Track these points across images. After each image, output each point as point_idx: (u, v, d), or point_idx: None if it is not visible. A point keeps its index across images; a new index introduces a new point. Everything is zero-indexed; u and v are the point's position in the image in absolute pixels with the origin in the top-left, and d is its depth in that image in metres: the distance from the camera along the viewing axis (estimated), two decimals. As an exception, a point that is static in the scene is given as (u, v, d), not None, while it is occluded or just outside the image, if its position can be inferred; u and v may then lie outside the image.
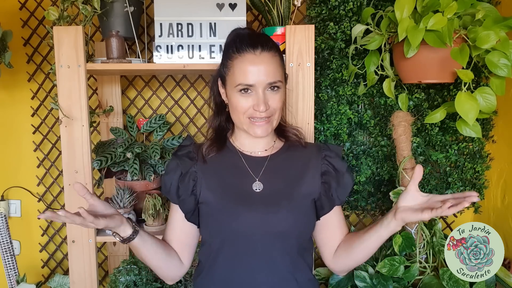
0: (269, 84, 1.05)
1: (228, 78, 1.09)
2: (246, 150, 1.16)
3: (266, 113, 1.06)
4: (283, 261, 1.09)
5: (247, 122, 1.08)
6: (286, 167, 1.14)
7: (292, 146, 1.18)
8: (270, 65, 1.05)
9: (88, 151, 1.47)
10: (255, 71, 1.04)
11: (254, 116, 1.06)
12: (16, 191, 1.90)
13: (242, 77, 1.05)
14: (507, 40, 1.28)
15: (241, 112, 1.07)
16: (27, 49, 1.85)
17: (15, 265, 1.76)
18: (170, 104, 1.88)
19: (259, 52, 1.05)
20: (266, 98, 1.05)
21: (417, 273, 1.53)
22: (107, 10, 1.56)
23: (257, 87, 1.04)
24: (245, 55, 1.05)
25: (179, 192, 1.13)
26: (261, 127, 1.07)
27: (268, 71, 1.05)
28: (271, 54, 1.06)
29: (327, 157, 1.15)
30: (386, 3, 1.63)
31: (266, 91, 1.06)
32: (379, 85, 1.67)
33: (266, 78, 1.04)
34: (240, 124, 1.10)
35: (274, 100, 1.07)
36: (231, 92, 1.08)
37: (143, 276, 1.64)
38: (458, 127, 1.41)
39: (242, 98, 1.06)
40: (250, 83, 1.04)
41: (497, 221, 1.72)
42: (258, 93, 1.05)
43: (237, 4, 1.49)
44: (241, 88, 1.05)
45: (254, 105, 1.05)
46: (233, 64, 1.07)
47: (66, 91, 1.44)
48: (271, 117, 1.08)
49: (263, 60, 1.05)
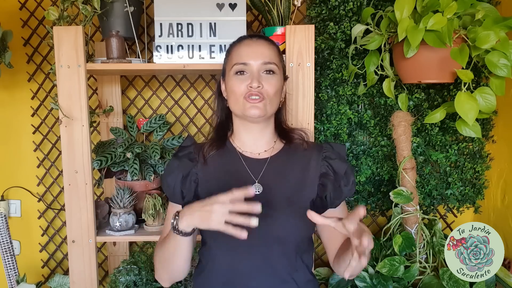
0: (264, 64, 1.08)
1: (227, 66, 1.13)
2: (246, 150, 1.16)
3: (259, 91, 1.07)
4: (281, 263, 1.08)
5: (243, 103, 1.08)
6: (286, 169, 1.14)
7: (292, 147, 1.18)
8: (266, 48, 1.11)
9: (88, 151, 1.47)
10: (250, 51, 1.10)
11: (248, 94, 1.07)
12: (16, 191, 1.90)
13: (238, 57, 1.10)
14: (507, 40, 1.28)
15: (238, 93, 1.08)
16: (27, 49, 1.85)
17: (15, 265, 1.76)
18: (170, 104, 1.88)
19: (256, 39, 1.12)
20: (260, 77, 1.08)
21: (417, 273, 1.53)
22: (107, 10, 1.56)
23: (252, 66, 1.08)
24: (242, 41, 1.13)
25: (183, 194, 1.13)
26: (255, 106, 1.07)
27: (263, 52, 1.10)
28: (267, 42, 1.13)
29: (327, 158, 1.14)
30: (386, 3, 1.63)
31: (261, 73, 1.09)
32: (379, 85, 1.67)
33: (261, 58, 1.08)
34: (237, 109, 1.10)
35: (268, 83, 1.09)
36: (229, 78, 1.11)
37: (143, 276, 1.64)
38: (458, 127, 1.41)
39: (237, 80, 1.09)
40: (245, 61, 1.08)
41: (497, 221, 1.72)
42: (252, 72, 1.08)
43: (237, 4, 1.49)
44: (236, 69, 1.09)
45: (248, 83, 1.07)
46: (230, 52, 1.13)
47: (66, 91, 1.44)
48: (265, 99, 1.08)
49: (259, 43, 1.11)
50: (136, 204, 1.61)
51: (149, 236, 1.56)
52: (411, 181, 1.56)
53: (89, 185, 1.47)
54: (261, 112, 1.08)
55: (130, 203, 1.56)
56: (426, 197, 1.76)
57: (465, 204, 1.79)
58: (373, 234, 1.80)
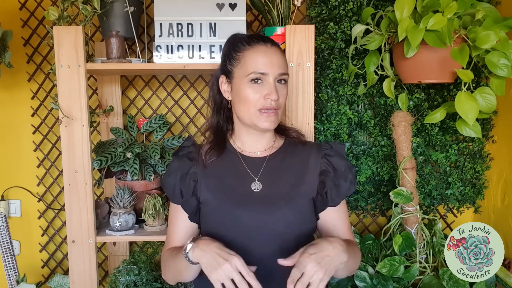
0: (280, 75, 1.09)
1: (238, 70, 1.10)
2: (246, 150, 1.16)
3: (276, 103, 1.08)
4: (282, 266, 1.08)
5: (256, 115, 1.08)
6: (285, 166, 1.14)
7: (291, 145, 1.19)
8: (280, 58, 1.10)
9: (88, 151, 1.47)
10: (268, 60, 1.08)
11: (265, 106, 1.07)
12: (16, 191, 1.90)
13: (255, 65, 1.07)
14: (507, 40, 1.28)
15: (252, 103, 1.08)
16: (27, 49, 1.85)
17: (15, 265, 1.76)
18: (170, 104, 1.88)
19: (270, 46, 1.10)
20: (276, 88, 1.08)
21: (417, 273, 1.53)
22: (107, 10, 1.56)
23: (270, 76, 1.07)
24: (257, 46, 1.09)
25: (182, 193, 1.13)
26: (269, 119, 1.08)
27: (279, 62, 1.09)
28: (279, 50, 1.12)
29: (326, 155, 1.15)
30: (386, 3, 1.63)
31: (276, 83, 1.09)
32: (379, 85, 1.67)
33: (278, 69, 1.08)
34: (248, 118, 1.10)
35: (282, 93, 1.10)
36: (241, 83, 1.09)
37: (143, 276, 1.64)
38: (458, 127, 1.41)
39: (253, 89, 1.07)
40: (264, 71, 1.07)
41: (497, 221, 1.72)
42: (269, 83, 1.07)
43: (237, 4, 1.49)
44: (254, 77, 1.07)
45: (265, 94, 1.07)
46: (243, 55, 1.09)
47: (66, 91, 1.44)
48: (278, 110, 1.09)
49: (274, 52, 1.10)
50: (136, 204, 1.61)
51: (149, 236, 1.56)
52: (411, 181, 1.56)
53: (89, 185, 1.47)
54: (274, 125, 1.10)
55: (130, 203, 1.56)
56: (426, 197, 1.76)
57: (465, 204, 1.79)
58: (373, 234, 1.80)
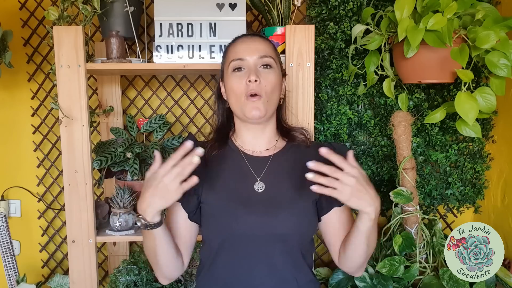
0: (260, 58, 1.09)
1: (224, 66, 1.14)
2: (247, 148, 1.16)
3: (257, 86, 1.06)
4: (283, 262, 1.08)
5: (244, 103, 1.08)
6: (289, 167, 1.14)
7: (294, 146, 1.18)
8: (261, 44, 1.11)
9: (88, 151, 1.47)
10: (245, 47, 1.10)
11: (248, 92, 1.07)
12: (16, 191, 1.90)
13: (234, 54, 1.10)
14: (507, 40, 1.28)
15: (237, 90, 1.08)
16: (27, 49, 1.85)
17: (15, 265, 1.76)
18: (170, 104, 1.88)
19: (250, 37, 1.14)
20: (258, 72, 1.08)
21: (417, 273, 1.53)
22: (107, 10, 1.56)
23: (249, 61, 1.08)
24: (237, 40, 1.14)
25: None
26: (255, 105, 1.07)
27: (258, 47, 1.10)
28: (262, 38, 1.14)
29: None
30: (386, 3, 1.63)
31: (259, 68, 1.09)
32: (379, 85, 1.67)
33: (257, 52, 1.09)
34: (238, 109, 1.10)
35: (266, 78, 1.08)
36: (227, 77, 1.11)
37: (143, 276, 1.64)
38: (458, 127, 1.41)
39: (235, 77, 1.09)
40: (241, 56, 1.09)
41: (497, 221, 1.72)
42: (249, 67, 1.08)
43: (237, 4, 1.49)
44: (234, 65, 1.09)
45: (246, 79, 1.07)
46: (227, 52, 1.14)
47: (66, 91, 1.44)
48: (263, 96, 1.08)
49: (254, 39, 1.12)
50: (136, 204, 1.61)
51: (149, 236, 1.56)
52: (411, 181, 1.56)
53: (89, 185, 1.47)
54: (261, 113, 1.08)
55: (130, 203, 1.56)
56: (426, 197, 1.76)
57: (465, 204, 1.79)
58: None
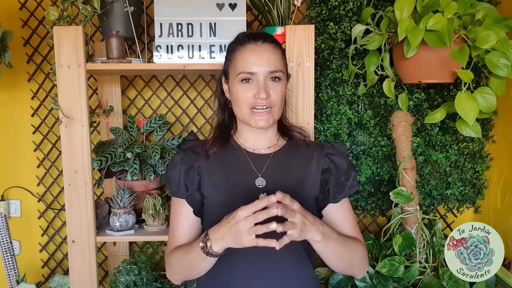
0: (270, 73, 1.08)
1: (231, 70, 1.12)
2: (249, 146, 1.17)
3: (267, 101, 1.07)
4: (285, 258, 1.09)
5: (249, 114, 1.09)
6: (289, 165, 1.15)
7: (295, 144, 1.19)
8: (271, 55, 1.09)
9: (88, 151, 1.47)
10: (256, 59, 1.07)
11: (255, 105, 1.07)
12: (16, 191, 1.90)
13: (243, 65, 1.08)
14: (507, 40, 1.28)
15: (243, 102, 1.08)
16: (27, 49, 1.85)
17: (15, 265, 1.76)
18: (170, 104, 1.88)
19: (260, 43, 1.09)
20: (267, 87, 1.07)
21: (417, 273, 1.53)
22: (107, 10, 1.56)
23: (258, 75, 1.07)
24: (247, 46, 1.09)
25: (187, 186, 1.13)
26: (262, 118, 1.08)
27: (269, 60, 1.08)
28: (272, 46, 1.10)
29: (329, 154, 1.16)
30: (386, 3, 1.63)
31: (267, 81, 1.08)
32: (379, 85, 1.67)
33: (267, 67, 1.07)
34: (242, 116, 1.11)
35: (275, 91, 1.09)
36: (233, 83, 1.10)
37: (143, 276, 1.64)
38: (458, 127, 1.41)
39: (243, 88, 1.08)
40: (252, 71, 1.07)
41: (497, 221, 1.72)
42: (259, 81, 1.07)
43: (237, 4, 1.49)
44: (242, 77, 1.08)
45: (255, 93, 1.07)
46: (235, 56, 1.11)
47: (66, 91, 1.44)
48: (272, 108, 1.09)
49: (264, 49, 1.08)
50: (136, 204, 1.61)
51: (149, 236, 1.56)
52: (411, 181, 1.56)
53: (89, 185, 1.47)
54: (269, 124, 1.09)
55: (130, 203, 1.56)
56: (426, 197, 1.76)
57: (465, 204, 1.79)
58: (373, 234, 1.80)
